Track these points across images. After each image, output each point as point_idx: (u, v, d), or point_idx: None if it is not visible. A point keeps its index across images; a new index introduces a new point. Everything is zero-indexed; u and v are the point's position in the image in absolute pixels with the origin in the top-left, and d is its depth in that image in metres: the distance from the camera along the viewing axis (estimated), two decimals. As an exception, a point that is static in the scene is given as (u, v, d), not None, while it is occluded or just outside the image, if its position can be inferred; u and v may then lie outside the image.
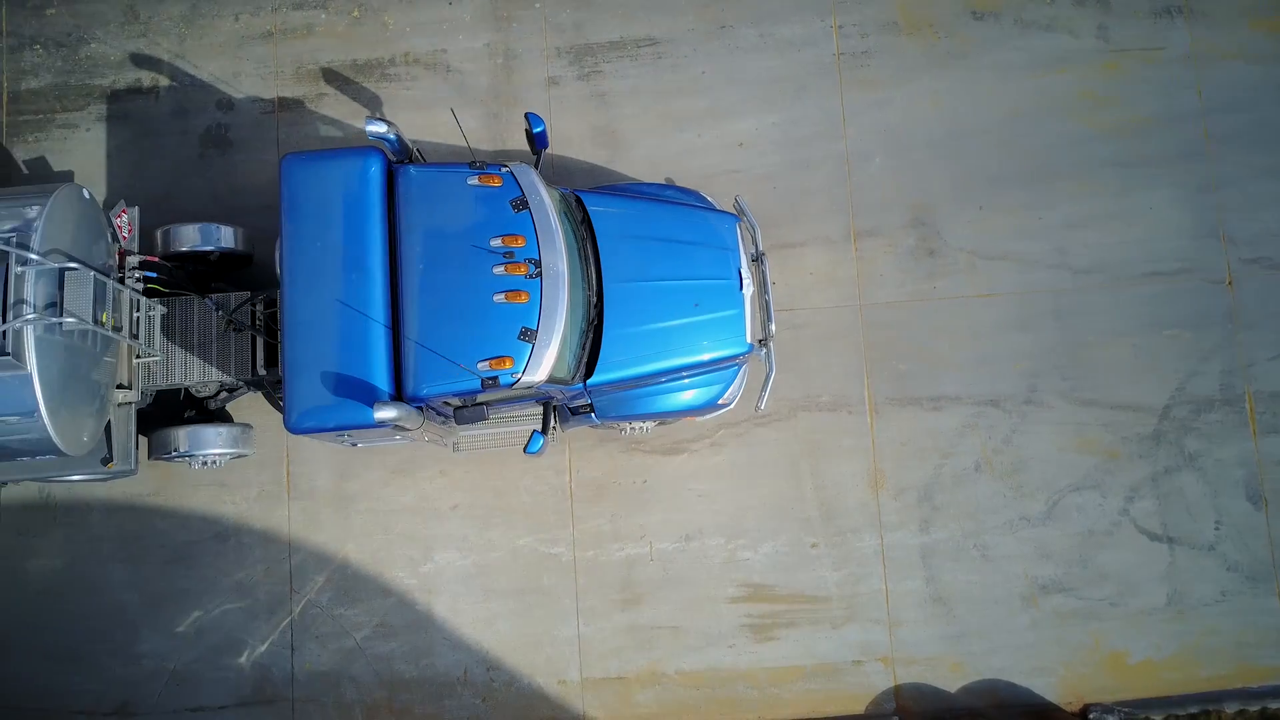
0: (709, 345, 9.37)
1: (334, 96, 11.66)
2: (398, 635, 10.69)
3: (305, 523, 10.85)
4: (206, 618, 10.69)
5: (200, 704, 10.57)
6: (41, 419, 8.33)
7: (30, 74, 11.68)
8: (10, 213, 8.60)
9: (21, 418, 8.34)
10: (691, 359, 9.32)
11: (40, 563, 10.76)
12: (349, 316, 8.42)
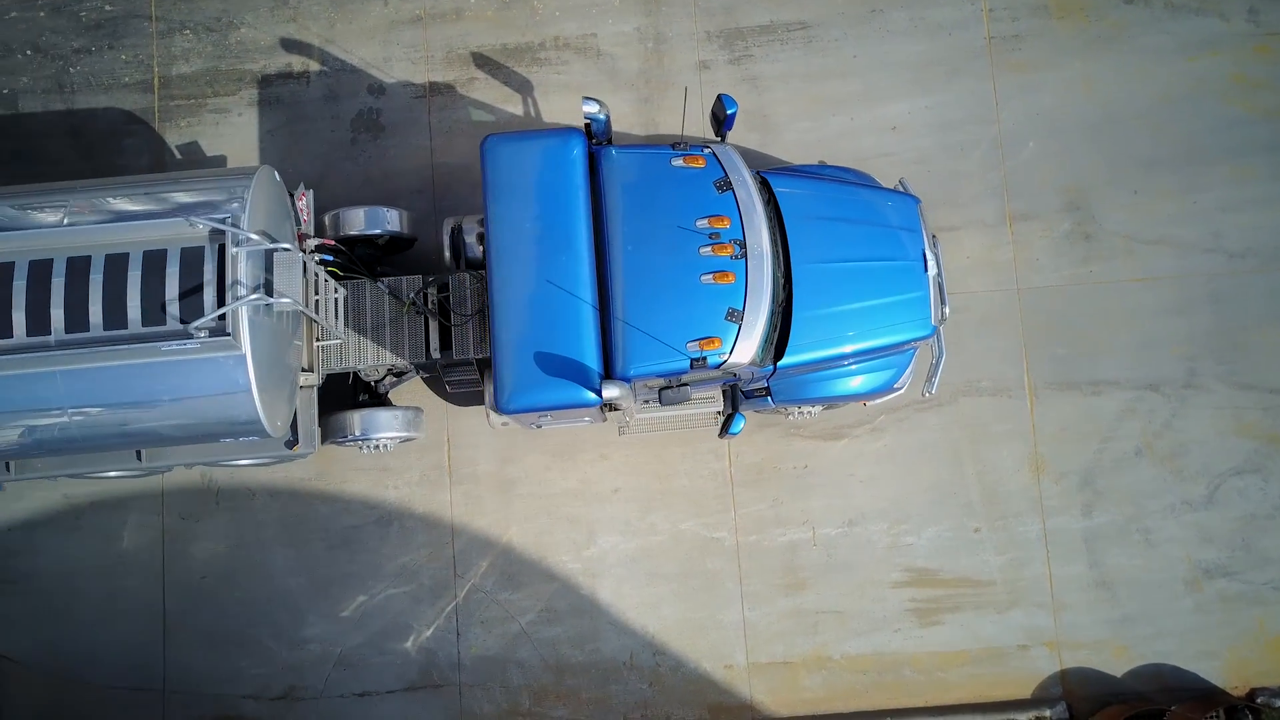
0: (894, 328, 9.38)
1: (485, 81, 11.69)
2: (563, 620, 10.73)
3: (467, 507, 10.90)
4: (371, 602, 10.73)
5: (366, 689, 10.62)
6: (253, 399, 8.37)
7: (181, 59, 11.73)
8: (216, 193, 8.64)
9: (233, 398, 8.37)
10: (877, 342, 9.34)
11: (204, 546, 10.81)
12: (558, 297, 8.46)
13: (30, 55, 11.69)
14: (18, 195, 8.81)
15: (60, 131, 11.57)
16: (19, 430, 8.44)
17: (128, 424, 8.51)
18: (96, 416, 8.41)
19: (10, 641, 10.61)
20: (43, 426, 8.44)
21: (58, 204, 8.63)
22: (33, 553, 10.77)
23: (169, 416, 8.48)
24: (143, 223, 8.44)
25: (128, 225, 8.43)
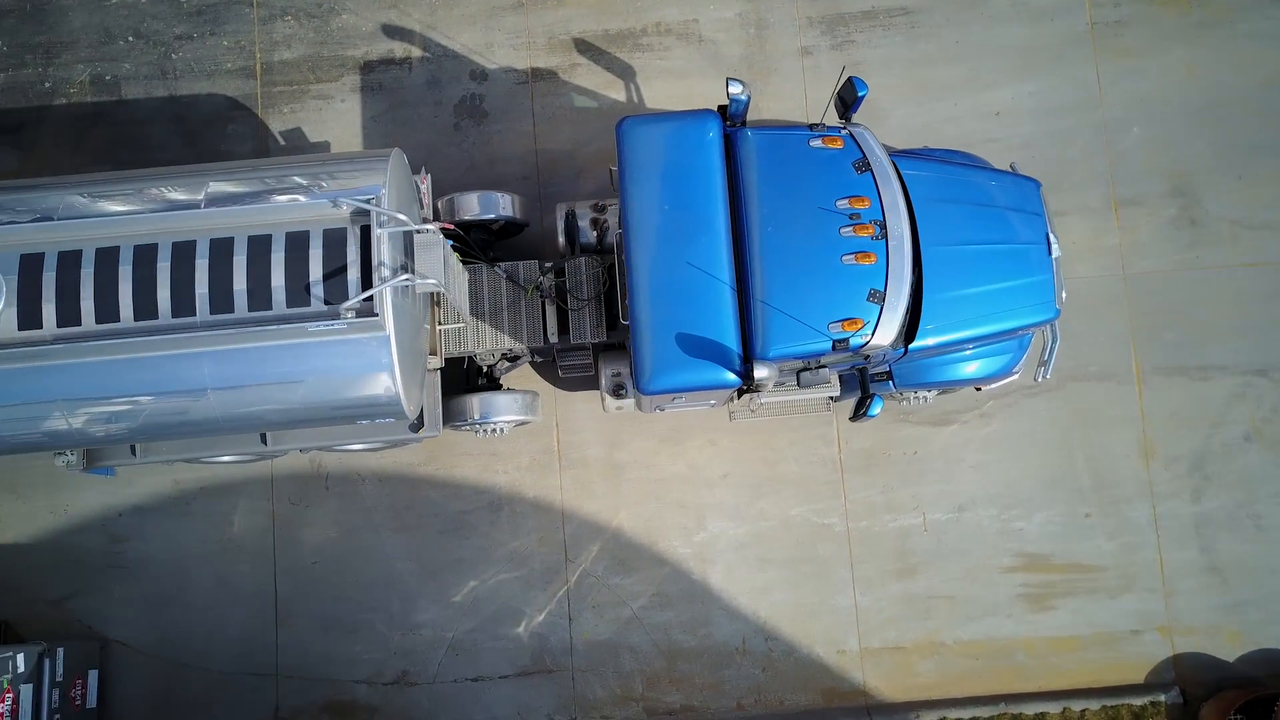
0: (1020, 311, 9.40)
1: (587, 67, 11.74)
2: (674, 605, 10.78)
3: (577, 491, 10.95)
4: (483, 587, 10.79)
5: (480, 674, 10.68)
6: (395, 380, 8.42)
7: (283, 45, 11.79)
8: (350, 176, 8.69)
9: (375, 379, 8.42)
10: (1003, 325, 9.37)
11: (314, 532, 10.87)
12: (697, 278, 8.50)
13: (132, 41, 11.75)
14: (155, 177, 8.87)
15: (164, 118, 11.63)
16: (163, 412, 8.47)
17: (268, 405, 8.56)
18: (238, 397, 8.45)
19: (123, 627, 10.67)
20: (186, 408, 8.48)
21: (195, 186, 8.67)
22: (144, 538, 10.83)
23: (310, 397, 8.52)
24: (283, 204, 8.47)
25: (268, 207, 8.47)
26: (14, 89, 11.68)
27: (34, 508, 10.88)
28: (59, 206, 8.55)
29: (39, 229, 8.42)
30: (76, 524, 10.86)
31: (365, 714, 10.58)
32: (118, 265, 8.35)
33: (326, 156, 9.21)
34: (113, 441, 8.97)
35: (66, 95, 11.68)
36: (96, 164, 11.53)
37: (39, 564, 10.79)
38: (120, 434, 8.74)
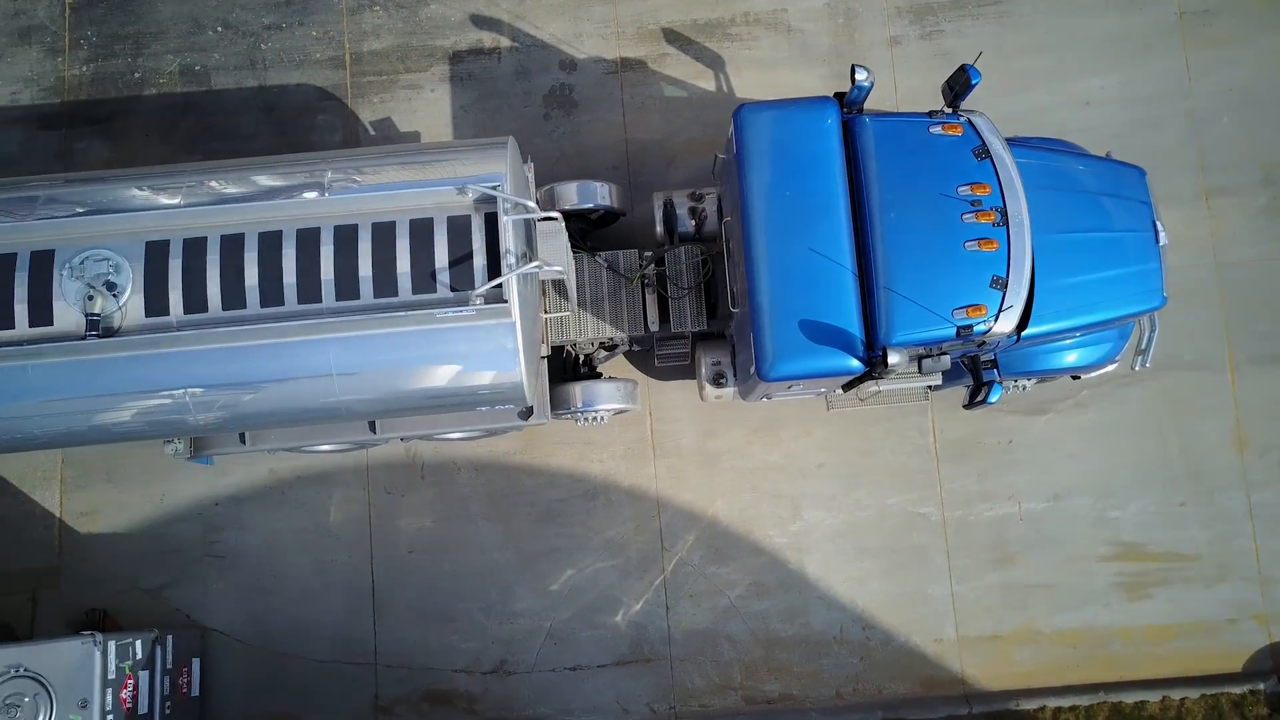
0: (1128, 299, 9.46)
1: (676, 56, 11.80)
2: (771, 594, 10.84)
3: (672, 480, 11.02)
4: (580, 576, 10.85)
5: (578, 663, 10.74)
6: (519, 366, 8.49)
7: (372, 35, 11.85)
8: (467, 164, 8.75)
9: (499, 365, 8.49)
10: (1112, 313, 9.43)
11: (411, 521, 10.94)
12: (818, 264, 8.56)
13: (221, 32, 11.82)
14: (275, 165, 8.94)
15: (253, 108, 11.69)
16: (287, 398, 8.54)
17: (391, 391, 8.62)
18: (363, 383, 8.52)
19: (221, 616, 10.75)
20: (310, 394, 8.55)
21: (316, 173, 8.74)
22: (240, 527, 10.90)
23: (434, 383, 8.58)
24: (406, 191, 8.54)
25: (391, 194, 8.55)
26: (104, 79, 11.75)
27: (131, 497, 10.96)
28: (181, 194, 8.60)
29: (163, 216, 8.51)
30: (173, 513, 10.93)
31: (464, 703, 10.65)
32: (243, 251, 8.42)
33: (440, 145, 9.29)
34: (233, 428, 9.04)
35: (156, 85, 11.75)
36: (186, 154, 11.60)
37: (136, 553, 10.86)
38: (241, 421, 8.82)
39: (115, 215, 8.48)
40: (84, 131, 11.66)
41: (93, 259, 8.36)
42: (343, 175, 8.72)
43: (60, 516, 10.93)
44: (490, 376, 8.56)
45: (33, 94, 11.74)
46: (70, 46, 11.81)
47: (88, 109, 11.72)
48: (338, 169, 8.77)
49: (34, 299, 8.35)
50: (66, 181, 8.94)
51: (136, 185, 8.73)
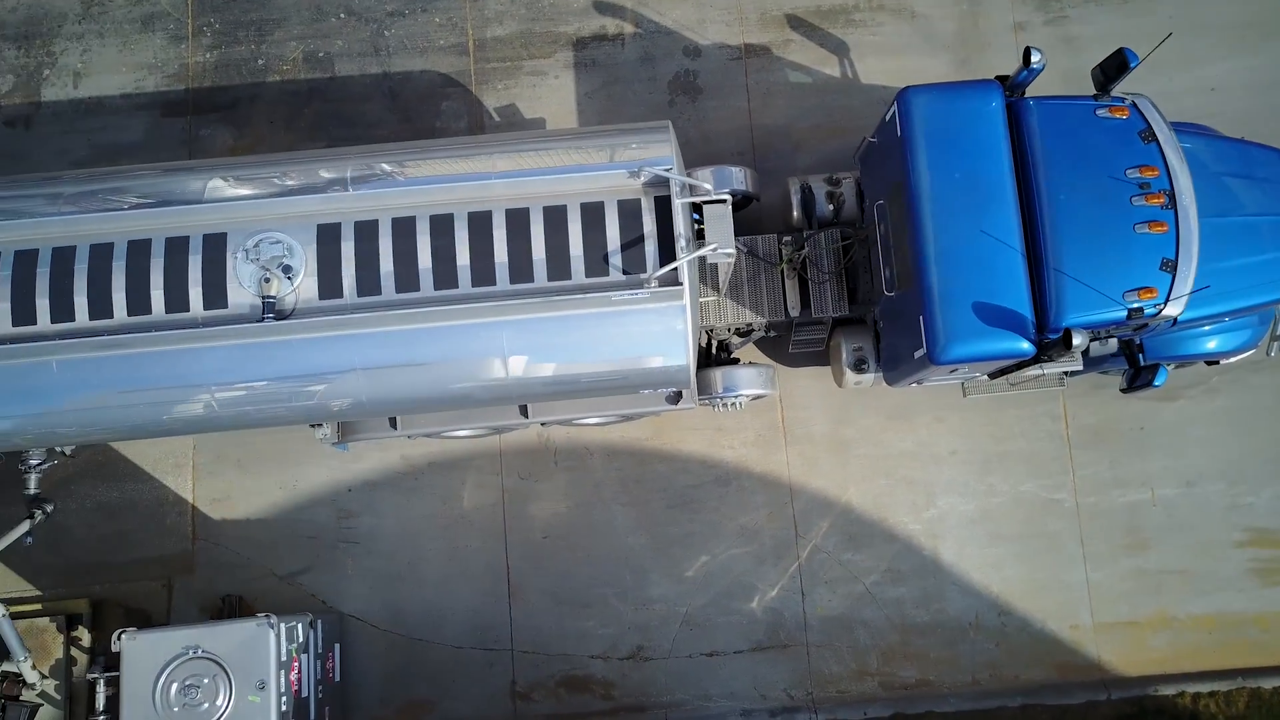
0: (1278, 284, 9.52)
1: (800, 43, 11.88)
2: (906, 580, 10.93)
3: (804, 467, 11.10)
4: (714, 562, 10.95)
5: (715, 649, 10.84)
6: (686, 348, 8.58)
7: (495, 21, 11.94)
8: (636, 147, 8.84)
9: (667, 347, 8.58)
10: (1266, 298, 9.49)
11: (544, 506, 11.04)
12: (989, 246, 8.63)
13: (344, 19, 11.91)
14: (438, 149, 9.03)
15: (378, 94, 11.79)
16: (456, 379, 8.63)
17: (559, 373, 8.71)
18: (531, 365, 8.60)
19: (358, 602, 10.85)
20: (480, 376, 8.64)
21: (481, 158, 8.84)
22: (374, 514, 11.00)
23: (600, 365, 8.67)
24: (574, 175, 8.63)
25: (559, 178, 8.63)
26: (227, 66, 11.85)
27: (263, 483, 11.06)
28: (348, 178, 8.70)
29: (335, 199, 8.60)
30: (306, 499, 11.03)
31: (601, 689, 10.75)
32: (415, 235, 8.51)
33: (600, 130, 9.34)
34: (400, 411, 9.18)
35: (279, 72, 11.84)
36: (311, 141, 11.70)
37: (270, 539, 10.96)
38: (409, 404, 8.94)
39: (287, 199, 8.56)
40: (208, 118, 11.76)
41: (267, 242, 8.46)
42: (509, 159, 8.80)
43: (193, 502, 11.04)
44: (659, 359, 8.65)
45: (157, 81, 11.85)
46: (193, 34, 11.91)
47: (211, 96, 11.81)
48: (504, 153, 8.86)
49: (208, 281, 8.45)
50: (229, 165, 9.03)
51: (305, 167, 8.81)
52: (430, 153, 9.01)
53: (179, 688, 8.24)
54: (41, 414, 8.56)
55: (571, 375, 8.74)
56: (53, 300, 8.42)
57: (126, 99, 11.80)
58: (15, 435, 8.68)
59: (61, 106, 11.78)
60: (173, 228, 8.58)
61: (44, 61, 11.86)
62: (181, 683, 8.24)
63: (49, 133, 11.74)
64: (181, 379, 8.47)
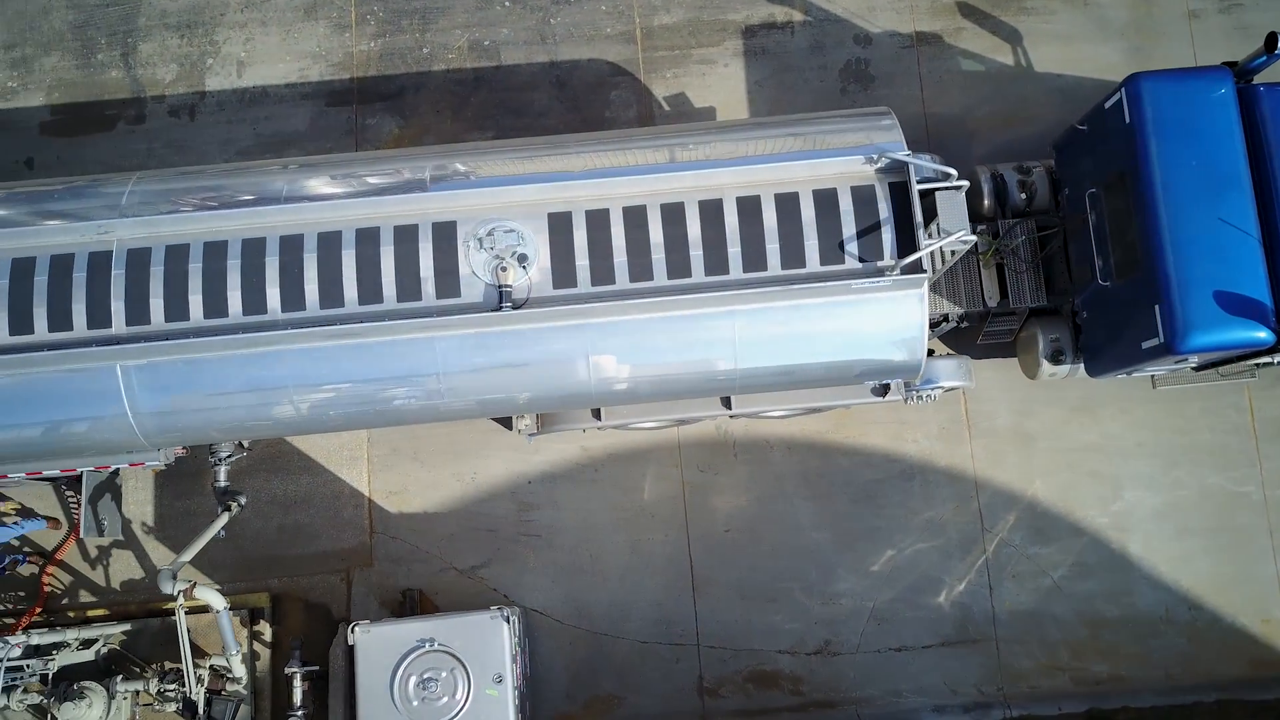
0: None
1: (972, 31, 11.88)
2: (1095, 574, 10.93)
3: (989, 460, 11.10)
4: (900, 556, 10.95)
5: (903, 643, 10.84)
6: (921, 337, 8.60)
7: (662, 10, 11.95)
8: (860, 134, 8.85)
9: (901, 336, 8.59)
10: None
11: (726, 500, 11.05)
12: (1226, 234, 8.64)
13: (509, 6, 11.93)
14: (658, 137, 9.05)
15: (545, 83, 11.80)
16: (685, 369, 8.65)
17: (787, 362, 8.73)
18: (759, 353, 8.61)
19: (540, 596, 10.87)
20: (708, 364, 8.65)
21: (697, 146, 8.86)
22: (555, 506, 11.02)
23: (831, 355, 8.69)
24: (802, 162, 8.64)
25: (785, 165, 8.64)
26: (392, 55, 11.87)
27: (439, 476, 11.08)
28: (576, 166, 8.72)
29: (565, 187, 8.63)
30: (484, 492, 11.05)
31: (789, 684, 10.76)
32: (647, 225, 8.53)
33: (817, 116, 9.34)
34: (622, 401, 9.16)
35: (445, 61, 11.86)
36: (478, 131, 11.72)
37: (448, 532, 10.99)
38: (633, 393, 8.93)
39: (516, 186, 8.58)
40: (374, 108, 11.78)
41: (500, 230, 8.47)
42: (731, 146, 8.82)
43: (369, 495, 11.06)
44: (894, 349, 8.66)
45: (321, 70, 11.87)
46: (356, 22, 11.93)
47: (376, 85, 11.84)
48: (726, 140, 8.89)
49: (441, 270, 8.46)
50: (452, 152, 9.07)
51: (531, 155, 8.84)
52: (654, 140, 9.03)
53: (417, 681, 8.26)
54: (270, 403, 8.59)
55: (800, 365, 8.77)
56: (283, 290, 8.43)
57: (290, 88, 11.82)
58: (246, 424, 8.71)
59: (225, 96, 11.81)
60: (401, 215, 8.58)
61: (207, 50, 11.89)
62: (420, 676, 8.26)
63: (213, 122, 11.77)
64: (413, 368, 8.49)
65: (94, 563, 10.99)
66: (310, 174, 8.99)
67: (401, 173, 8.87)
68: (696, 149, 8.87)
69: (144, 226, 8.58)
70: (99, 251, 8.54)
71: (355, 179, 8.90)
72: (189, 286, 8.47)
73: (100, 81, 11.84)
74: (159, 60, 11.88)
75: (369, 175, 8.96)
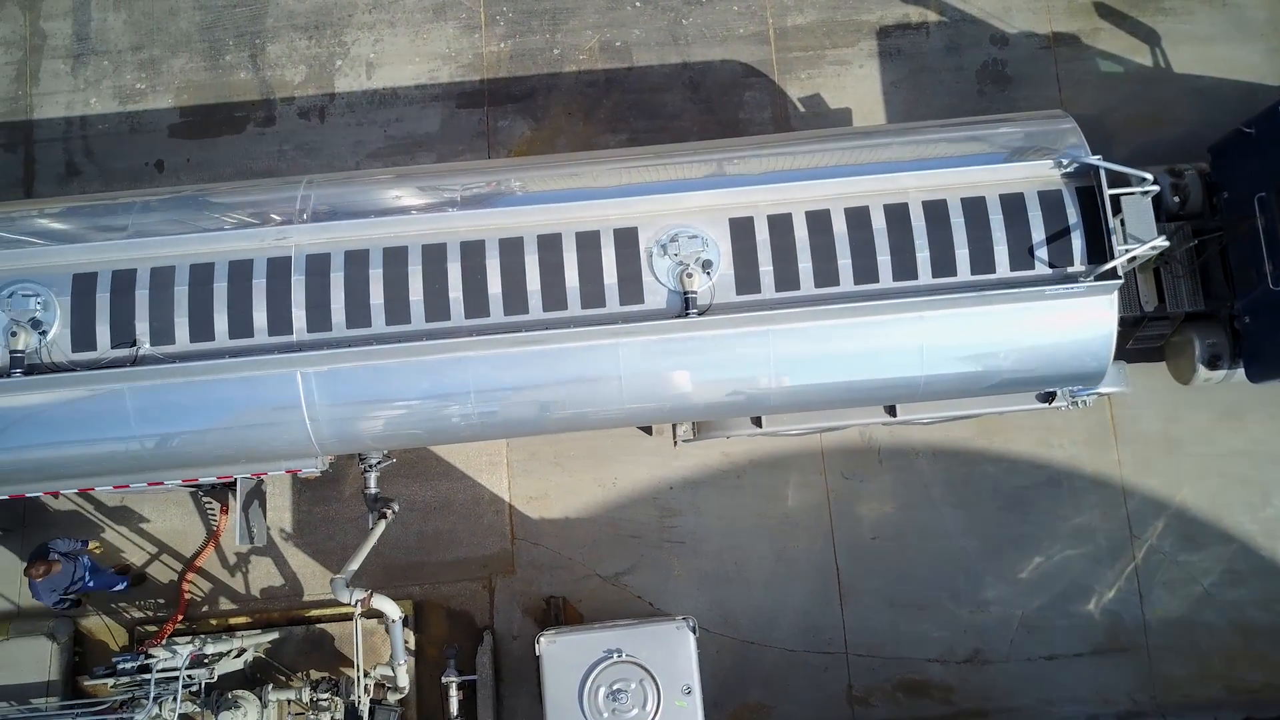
0: None
1: (1109, 31, 11.86)
2: (1246, 581, 10.91)
3: (1136, 466, 11.08)
4: (1048, 563, 10.94)
5: (1054, 652, 10.83)
6: (1112, 345, 8.58)
7: (794, 10, 11.94)
8: (1040, 137, 8.84)
9: (1089, 342, 8.58)
10: None
11: (871, 507, 11.04)
12: None
13: (640, 7, 11.92)
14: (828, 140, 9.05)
15: (678, 84, 11.80)
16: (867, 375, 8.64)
17: (970, 370, 8.71)
18: (945, 361, 8.59)
19: (686, 604, 10.86)
20: (890, 372, 8.64)
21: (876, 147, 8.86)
22: (698, 513, 11.02)
23: (1014, 362, 8.67)
24: (984, 166, 8.63)
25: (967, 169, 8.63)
26: (522, 56, 11.87)
27: (581, 481, 11.08)
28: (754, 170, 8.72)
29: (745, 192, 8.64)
30: (626, 498, 11.05)
31: (940, 693, 10.75)
32: (831, 229, 8.52)
33: (989, 119, 9.34)
34: (793, 408, 9.13)
35: (575, 62, 11.86)
36: (610, 133, 11.72)
37: (590, 538, 10.99)
38: (809, 401, 8.92)
39: (696, 191, 8.58)
40: (505, 110, 11.77)
41: (684, 236, 8.46)
42: (909, 149, 8.83)
43: (510, 501, 11.06)
44: (1079, 355, 8.66)
45: (451, 71, 11.87)
46: (486, 23, 11.93)
47: (507, 86, 11.84)
48: (902, 143, 8.89)
49: (624, 276, 8.46)
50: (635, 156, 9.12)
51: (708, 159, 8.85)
52: (826, 144, 9.05)
53: (606, 692, 8.25)
54: (449, 409, 8.60)
55: (986, 372, 8.74)
56: (466, 295, 8.43)
57: (420, 89, 11.82)
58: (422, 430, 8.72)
59: (355, 97, 11.81)
60: (582, 222, 8.58)
61: (335, 52, 11.90)
62: (609, 687, 8.25)
63: (343, 124, 11.77)
64: (594, 375, 8.50)
65: (232, 570, 11.00)
66: (482, 177, 8.99)
67: (577, 178, 8.87)
68: (874, 152, 8.86)
69: (322, 231, 8.58)
70: (278, 257, 8.52)
71: (529, 183, 8.90)
72: (370, 292, 8.46)
73: (229, 83, 11.84)
74: (287, 62, 11.88)
75: (541, 180, 8.96)
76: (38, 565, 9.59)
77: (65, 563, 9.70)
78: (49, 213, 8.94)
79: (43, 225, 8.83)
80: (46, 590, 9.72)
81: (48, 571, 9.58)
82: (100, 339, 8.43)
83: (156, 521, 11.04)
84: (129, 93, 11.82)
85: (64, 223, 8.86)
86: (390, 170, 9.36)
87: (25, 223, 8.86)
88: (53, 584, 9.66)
